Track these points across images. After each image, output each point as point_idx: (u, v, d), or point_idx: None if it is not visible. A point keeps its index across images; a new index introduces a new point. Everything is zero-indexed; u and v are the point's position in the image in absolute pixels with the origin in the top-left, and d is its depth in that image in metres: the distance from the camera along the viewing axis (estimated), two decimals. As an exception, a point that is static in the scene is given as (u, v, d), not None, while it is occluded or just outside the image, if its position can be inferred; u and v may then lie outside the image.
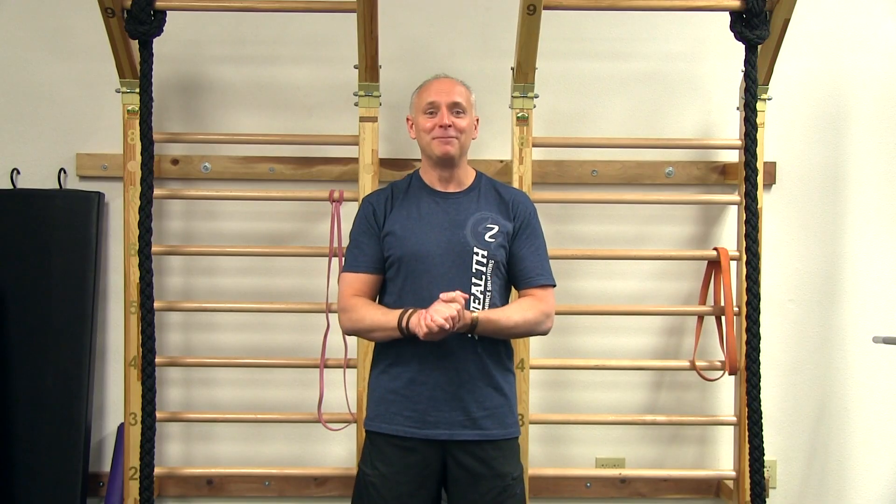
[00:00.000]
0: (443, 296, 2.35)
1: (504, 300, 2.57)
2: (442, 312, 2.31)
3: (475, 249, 2.48)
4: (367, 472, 2.48)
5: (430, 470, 2.46)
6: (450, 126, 2.51)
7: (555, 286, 2.60)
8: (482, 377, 2.47)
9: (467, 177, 2.62)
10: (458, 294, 2.35)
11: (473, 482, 2.45)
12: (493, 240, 2.51)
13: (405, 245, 2.49)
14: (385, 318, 2.43)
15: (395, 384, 2.48)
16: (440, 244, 2.48)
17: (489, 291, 2.50)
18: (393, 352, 2.48)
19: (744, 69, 3.11)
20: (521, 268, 2.55)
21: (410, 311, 2.39)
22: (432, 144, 2.53)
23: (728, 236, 3.43)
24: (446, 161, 2.54)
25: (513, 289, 2.64)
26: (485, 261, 2.49)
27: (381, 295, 2.56)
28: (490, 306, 2.50)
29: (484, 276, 2.49)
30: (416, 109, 2.58)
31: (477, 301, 2.48)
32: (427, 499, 2.47)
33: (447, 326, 2.30)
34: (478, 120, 2.66)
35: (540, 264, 2.56)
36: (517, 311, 2.50)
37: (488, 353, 2.49)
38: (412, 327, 2.36)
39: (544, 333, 2.58)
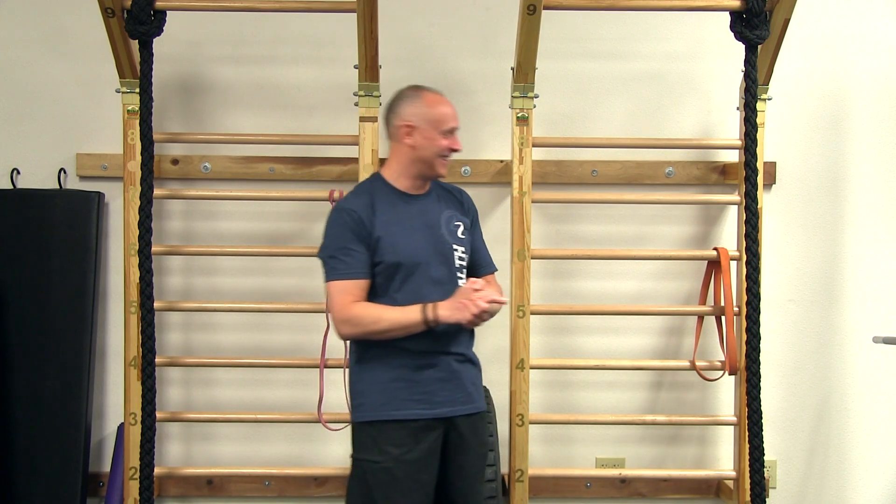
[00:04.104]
0: (468, 285, 2.53)
1: None
2: (486, 296, 2.49)
3: (454, 247, 2.64)
4: (376, 460, 2.54)
5: (436, 447, 2.58)
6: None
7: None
8: (469, 356, 2.65)
9: None
10: (479, 281, 2.55)
11: (465, 450, 2.62)
12: (463, 236, 2.68)
13: (397, 250, 2.57)
14: (404, 315, 2.53)
15: (399, 372, 2.57)
16: (427, 246, 2.60)
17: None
18: (390, 344, 2.56)
19: (744, 69, 3.11)
20: (476, 258, 2.75)
21: (431, 304, 2.50)
22: (438, 163, 2.65)
23: (728, 236, 3.43)
24: (438, 177, 2.70)
25: None
26: (464, 256, 2.66)
27: (371, 298, 2.59)
28: None
29: (464, 271, 2.66)
30: (430, 124, 2.62)
31: None
32: (434, 474, 2.59)
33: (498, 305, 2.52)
34: None
35: (488, 253, 2.80)
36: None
37: (468, 333, 2.65)
38: (443, 318, 2.49)
39: None
